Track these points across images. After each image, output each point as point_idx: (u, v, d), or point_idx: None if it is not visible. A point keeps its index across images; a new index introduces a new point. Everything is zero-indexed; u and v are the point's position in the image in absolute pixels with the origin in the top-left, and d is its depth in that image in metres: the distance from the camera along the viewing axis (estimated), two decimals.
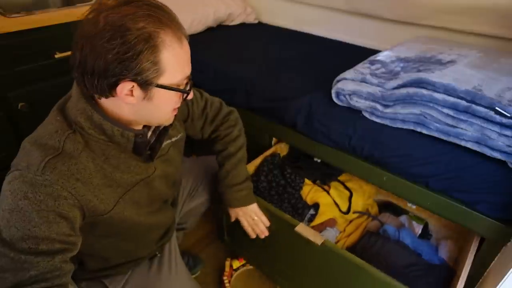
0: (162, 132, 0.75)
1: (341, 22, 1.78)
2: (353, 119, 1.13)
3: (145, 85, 0.59)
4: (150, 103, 0.62)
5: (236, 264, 1.34)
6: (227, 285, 1.28)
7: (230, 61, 1.54)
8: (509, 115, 0.86)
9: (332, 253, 1.00)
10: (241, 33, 1.89)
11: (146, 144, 0.71)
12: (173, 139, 0.83)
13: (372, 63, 1.18)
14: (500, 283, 0.83)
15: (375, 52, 1.38)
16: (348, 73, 1.14)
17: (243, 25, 2.03)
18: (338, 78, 1.16)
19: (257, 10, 2.10)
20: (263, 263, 1.32)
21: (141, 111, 0.64)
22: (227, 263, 1.34)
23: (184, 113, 0.92)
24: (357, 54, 1.43)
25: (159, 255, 0.95)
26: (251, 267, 1.36)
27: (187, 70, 0.65)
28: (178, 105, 0.69)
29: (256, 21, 2.10)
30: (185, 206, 1.12)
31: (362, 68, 1.15)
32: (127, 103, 0.61)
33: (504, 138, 0.89)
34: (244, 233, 1.09)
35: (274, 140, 1.40)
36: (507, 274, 0.81)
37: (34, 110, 1.34)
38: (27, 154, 0.60)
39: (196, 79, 1.54)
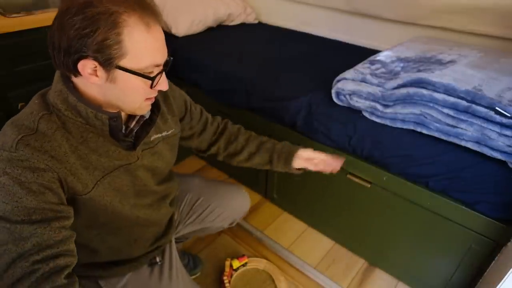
0: (147, 122, 0.74)
1: (341, 22, 1.78)
2: (353, 119, 1.13)
3: (106, 64, 0.59)
4: (115, 86, 0.62)
5: (236, 264, 1.33)
6: (227, 285, 1.27)
7: (230, 61, 1.54)
8: (509, 115, 0.86)
9: (381, 192, 1.16)
10: (241, 33, 1.89)
11: (121, 128, 0.70)
12: (164, 134, 0.82)
13: (372, 63, 1.18)
14: (500, 283, 0.83)
15: (375, 52, 1.38)
16: (348, 73, 1.14)
17: (243, 25, 2.03)
18: (338, 78, 1.16)
19: (257, 10, 2.10)
20: (312, 215, 1.49)
21: (108, 93, 0.64)
22: (227, 263, 1.34)
23: (181, 110, 0.92)
24: (357, 54, 1.44)
25: (159, 262, 0.92)
26: (251, 267, 1.37)
27: (157, 57, 0.63)
28: (151, 94, 0.68)
29: (256, 21, 2.10)
30: (187, 227, 1.08)
31: (362, 68, 1.15)
32: (93, 83, 0.62)
33: (504, 138, 0.89)
34: (293, 188, 1.17)
35: None
36: (507, 274, 0.81)
37: None
38: (2, 134, 0.61)
39: (197, 79, 1.56)
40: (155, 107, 0.75)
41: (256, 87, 1.37)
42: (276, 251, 1.44)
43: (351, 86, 1.12)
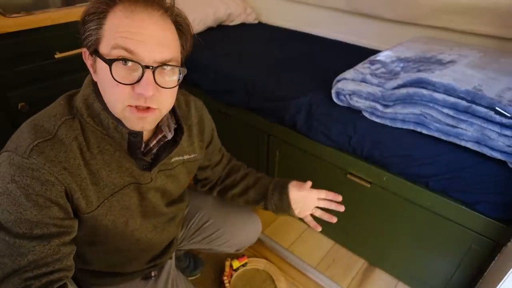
0: (169, 143, 0.70)
1: (341, 22, 1.78)
2: (353, 119, 1.13)
3: (91, 51, 0.58)
4: (99, 80, 0.59)
5: (236, 264, 1.33)
6: (227, 285, 1.27)
7: (230, 61, 1.54)
8: (509, 115, 0.86)
9: (381, 192, 1.16)
10: (241, 33, 1.89)
11: (140, 145, 0.65)
12: (185, 157, 0.77)
13: (372, 63, 1.18)
14: (500, 283, 0.83)
15: (375, 52, 1.38)
16: (348, 73, 1.14)
17: (243, 25, 2.02)
18: (338, 78, 1.16)
19: (257, 10, 2.10)
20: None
21: (101, 90, 0.60)
22: (227, 263, 1.34)
23: (208, 136, 0.86)
24: (357, 54, 1.43)
25: (154, 277, 0.88)
26: (251, 267, 1.37)
27: (127, 41, 0.54)
28: (134, 101, 0.56)
29: (256, 21, 2.10)
30: (191, 245, 1.05)
31: (362, 68, 1.15)
32: (95, 80, 0.61)
33: (504, 138, 0.89)
34: None
35: None
36: (507, 274, 0.81)
37: (34, 110, 1.32)
38: (19, 135, 0.59)
39: (197, 80, 1.56)
40: (179, 128, 0.72)
41: (256, 87, 1.37)
42: (276, 251, 1.44)
43: (351, 86, 1.12)
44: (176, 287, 0.92)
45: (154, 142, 0.68)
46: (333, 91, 1.18)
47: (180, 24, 0.61)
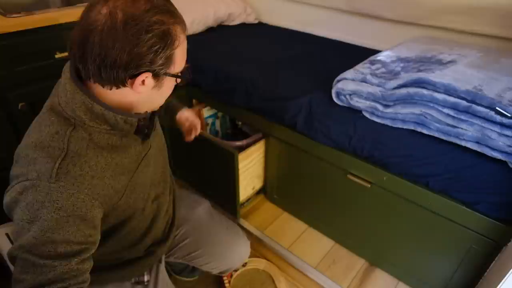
0: (155, 112, 0.77)
1: (341, 22, 1.78)
2: (353, 119, 1.13)
3: (159, 74, 0.62)
4: (158, 91, 0.65)
5: None
6: (227, 285, 1.28)
7: (230, 61, 1.53)
8: (509, 115, 0.86)
9: (381, 192, 1.16)
10: (241, 33, 1.89)
11: (147, 125, 0.73)
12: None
13: (372, 63, 1.18)
14: (500, 283, 0.83)
15: (375, 52, 1.38)
16: (348, 73, 1.14)
17: (243, 25, 2.02)
18: (338, 78, 1.16)
19: (257, 10, 2.10)
20: (312, 215, 1.50)
21: (147, 98, 0.66)
22: None
23: None
24: (357, 54, 1.43)
25: (146, 283, 0.90)
26: (251, 267, 1.37)
27: (185, 58, 0.69)
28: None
29: (256, 21, 2.10)
30: (176, 259, 1.06)
31: (362, 68, 1.15)
32: (138, 92, 0.63)
33: (504, 138, 0.89)
34: (293, 188, 1.30)
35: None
36: (507, 274, 0.81)
37: (34, 110, 1.33)
38: (32, 162, 0.58)
39: (196, 79, 1.56)
40: None
41: (256, 87, 1.37)
42: (276, 251, 1.44)
43: (352, 86, 1.12)
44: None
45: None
46: (333, 91, 1.18)
47: None
